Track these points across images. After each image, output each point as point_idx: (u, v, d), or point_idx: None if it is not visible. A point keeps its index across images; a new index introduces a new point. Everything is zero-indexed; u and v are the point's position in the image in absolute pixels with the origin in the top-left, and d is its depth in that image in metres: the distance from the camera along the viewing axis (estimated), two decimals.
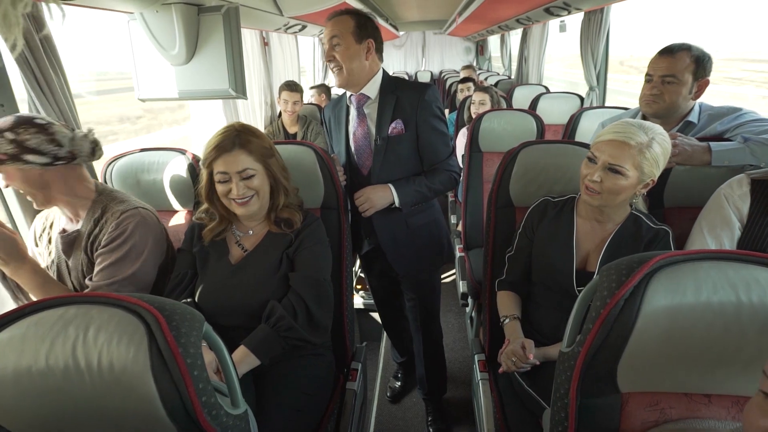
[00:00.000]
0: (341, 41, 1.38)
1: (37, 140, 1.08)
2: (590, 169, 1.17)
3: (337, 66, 1.42)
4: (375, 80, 1.47)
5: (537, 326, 1.33)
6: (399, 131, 1.45)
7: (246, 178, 1.14)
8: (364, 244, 1.65)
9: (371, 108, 1.49)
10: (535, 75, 4.34)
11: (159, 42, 1.61)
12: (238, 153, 1.13)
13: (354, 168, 1.55)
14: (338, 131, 1.57)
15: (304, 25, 2.99)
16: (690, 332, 0.63)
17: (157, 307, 0.63)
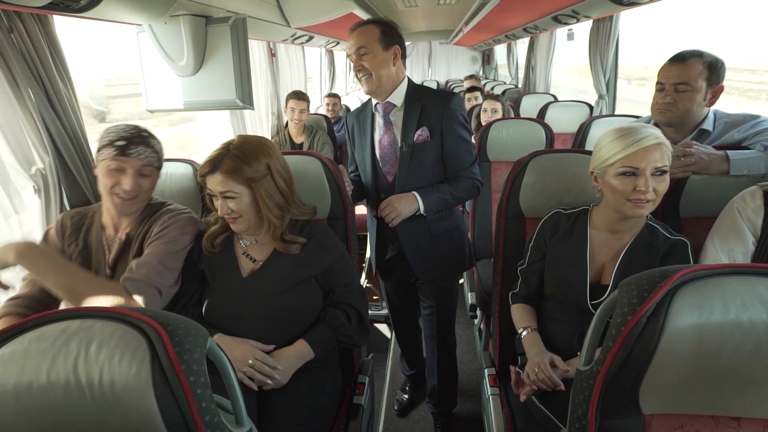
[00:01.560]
0: (369, 50, 1.41)
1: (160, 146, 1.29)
2: (636, 181, 1.08)
3: (366, 74, 1.44)
4: (401, 88, 1.49)
5: (549, 341, 1.29)
6: (424, 138, 1.47)
7: (228, 198, 1.12)
8: (387, 251, 1.64)
9: (397, 116, 1.51)
10: (543, 84, 4.32)
11: (167, 53, 1.62)
12: (220, 175, 1.11)
13: (378, 175, 1.55)
14: (363, 138, 1.58)
15: (311, 36, 3.02)
16: (718, 352, 0.60)
17: (161, 322, 0.61)
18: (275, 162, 1.17)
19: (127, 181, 1.18)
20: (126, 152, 1.17)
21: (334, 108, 3.84)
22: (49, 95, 1.35)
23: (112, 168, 1.17)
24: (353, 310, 1.24)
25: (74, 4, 1.11)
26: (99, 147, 1.20)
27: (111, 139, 1.18)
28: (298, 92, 2.98)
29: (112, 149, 1.17)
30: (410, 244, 1.57)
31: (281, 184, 1.17)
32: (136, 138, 1.20)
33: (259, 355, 1.10)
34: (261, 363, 1.09)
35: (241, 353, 1.09)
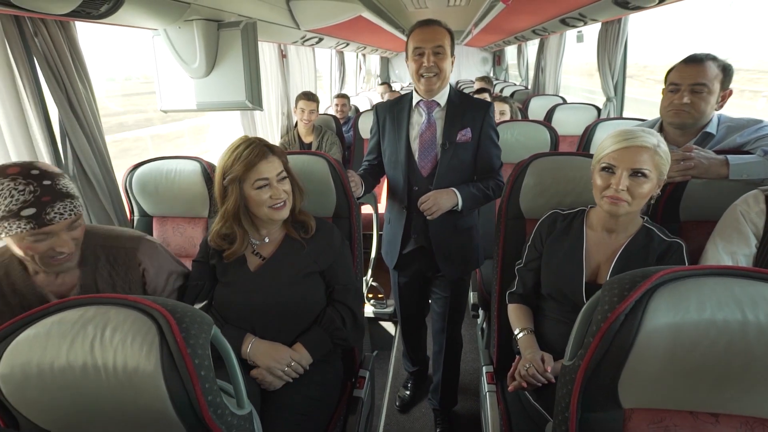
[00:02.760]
0: (444, 51, 1.48)
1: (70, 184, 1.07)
2: (611, 178, 1.15)
3: (436, 73, 1.49)
4: (446, 90, 1.58)
5: (546, 340, 1.32)
6: (467, 139, 1.56)
7: (281, 180, 1.21)
8: (409, 243, 1.70)
9: (440, 114, 1.58)
10: (552, 85, 4.32)
11: (180, 56, 1.68)
12: (273, 158, 1.21)
13: (413, 168, 1.61)
14: (396, 132, 1.62)
15: (321, 37, 3.07)
16: (693, 349, 0.63)
17: (169, 310, 0.66)
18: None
19: (61, 244, 0.97)
20: (44, 221, 0.93)
21: (343, 109, 3.89)
22: (69, 97, 1.43)
23: (33, 242, 0.95)
24: (349, 311, 1.30)
25: (95, 11, 1.18)
26: None
27: (11, 210, 0.90)
28: (308, 93, 3.02)
29: (22, 223, 0.91)
30: (438, 237, 1.64)
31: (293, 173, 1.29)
32: (44, 197, 0.93)
33: (296, 356, 1.20)
34: (297, 365, 1.20)
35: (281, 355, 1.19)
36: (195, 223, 1.68)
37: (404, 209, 1.65)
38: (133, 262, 1.15)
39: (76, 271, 1.10)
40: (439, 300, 1.82)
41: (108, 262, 1.13)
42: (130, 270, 1.15)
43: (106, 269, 1.13)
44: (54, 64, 1.37)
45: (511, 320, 1.38)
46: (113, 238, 1.16)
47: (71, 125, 1.43)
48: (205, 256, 1.32)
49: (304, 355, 1.21)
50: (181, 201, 1.64)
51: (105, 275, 1.13)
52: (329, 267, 1.29)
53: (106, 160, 1.57)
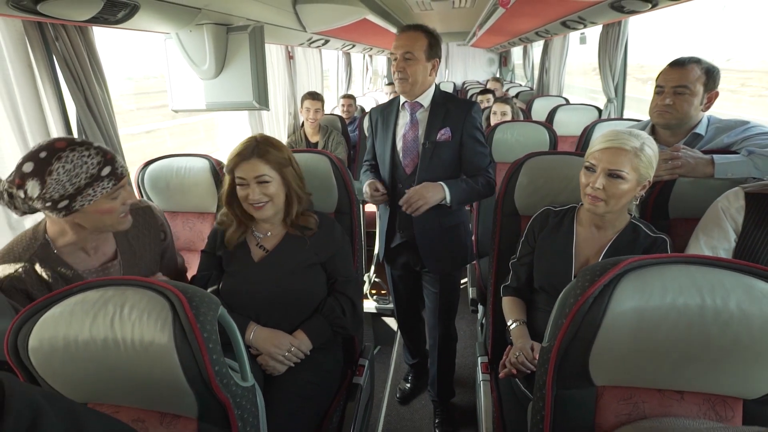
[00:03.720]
0: (413, 57, 1.54)
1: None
2: (590, 177, 1.22)
3: (404, 77, 1.56)
4: (429, 92, 1.64)
5: (537, 330, 1.37)
6: (447, 138, 1.61)
7: (261, 183, 1.25)
8: (395, 237, 1.77)
9: (423, 115, 1.64)
10: (556, 86, 4.35)
11: (191, 58, 1.76)
12: (256, 161, 1.24)
13: (397, 166, 1.68)
14: (385, 132, 1.70)
15: (327, 39, 3.14)
16: (656, 331, 0.68)
17: (181, 290, 0.73)
18: (291, 154, 1.33)
19: (129, 195, 1.10)
20: (119, 175, 1.04)
21: (349, 109, 3.96)
22: (87, 98, 1.51)
23: (112, 200, 1.04)
24: (348, 301, 1.37)
25: (112, 17, 1.26)
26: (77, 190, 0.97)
27: (93, 175, 0.98)
28: (313, 92, 3.10)
29: (105, 182, 1.01)
30: (421, 233, 1.69)
31: (299, 172, 1.33)
32: (107, 155, 1.03)
33: (296, 342, 1.27)
34: (297, 350, 1.26)
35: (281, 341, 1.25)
36: (204, 218, 1.76)
37: (387, 206, 1.74)
38: (152, 217, 1.28)
39: (111, 240, 1.17)
40: (430, 295, 1.88)
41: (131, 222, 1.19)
42: (150, 224, 1.27)
43: (134, 230, 1.21)
44: (73, 66, 1.45)
45: (505, 312, 1.44)
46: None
47: (88, 123, 1.52)
48: (213, 247, 1.39)
49: (304, 341, 1.28)
50: (191, 197, 1.72)
51: (134, 234, 1.22)
52: (329, 259, 1.36)
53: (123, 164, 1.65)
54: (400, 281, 1.97)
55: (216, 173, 1.68)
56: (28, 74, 1.35)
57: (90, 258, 1.13)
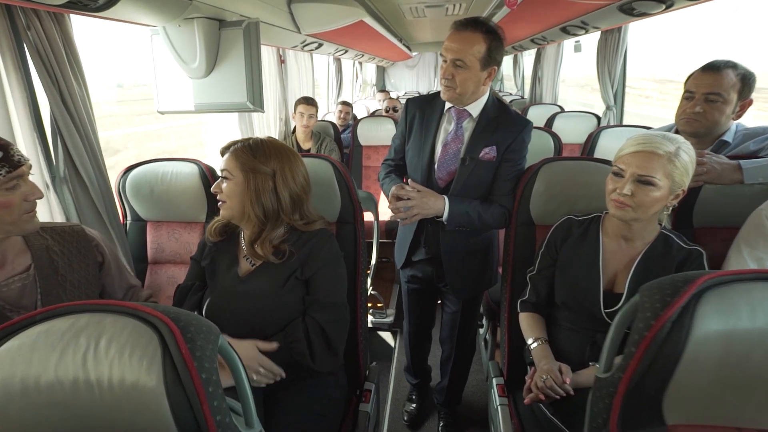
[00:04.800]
0: (465, 65, 1.31)
1: None
2: (618, 183, 1.13)
3: (450, 85, 1.35)
4: (481, 101, 1.43)
5: (560, 349, 1.26)
6: (490, 158, 1.42)
7: (224, 178, 1.15)
8: (418, 252, 1.62)
9: (469, 126, 1.45)
10: (550, 95, 4.34)
11: (180, 55, 1.63)
12: (228, 154, 1.15)
13: (431, 178, 1.49)
14: (424, 135, 1.50)
15: (320, 43, 3.04)
16: (746, 360, 0.58)
17: (172, 318, 0.59)
18: (286, 171, 1.16)
19: (32, 190, 0.98)
20: (15, 162, 0.93)
21: (346, 116, 3.86)
22: (62, 94, 1.36)
23: (8, 191, 0.93)
24: (317, 327, 1.14)
25: (92, 3, 1.12)
26: None
27: None
28: (308, 98, 2.99)
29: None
30: (448, 253, 1.55)
31: (282, 193, 1.15)
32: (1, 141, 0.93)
33: (267, 363, 1.09)
34: (268, 372, 1.09)
35: (248, 356, 1.08)
36: (191, 228, 1.61)
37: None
38: (84, 238, 1.13)
39: (26, 252, 1.02)
40: (449, 313, 1.76)
41: (56, 240, 1.08)
42: (82, 245, 1.12)
43: (58, 247, 1.07)
44: (47, 58, 1.30)
45: (524, 329, 1.33)
46: (51, 224, 1.11)
47: (64, 123, 1.37)
48: (199, 254, 1.26)
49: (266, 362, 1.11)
50: (178, 205, 1.57)
51: (60, 252, 1.07)
52: (311, 277, 1.19)
53: (99, 161, 1.49)
54: (415, 296, 1.83)
55: (206, 179, 1.54)
56: None
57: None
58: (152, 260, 1.64)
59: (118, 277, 1.22)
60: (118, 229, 1.55)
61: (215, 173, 1.58)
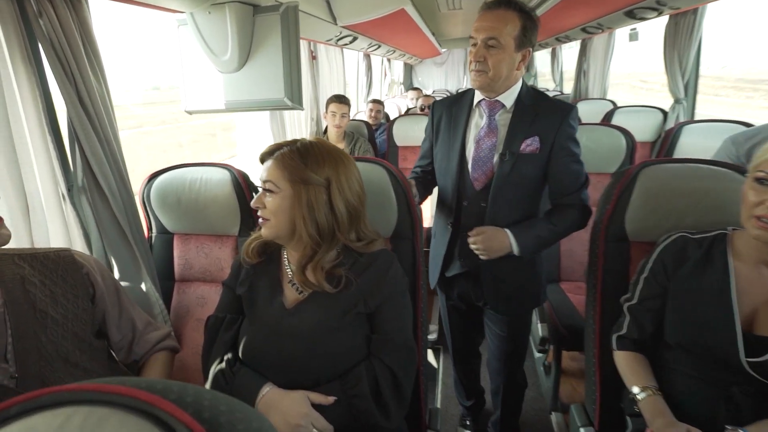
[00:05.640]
0: (499, 44, 1.19)
1: None
2: (765, 194, 0.87)
3: (482, 69, 1.22)
4: (515, 89, 1.29)
5: (675, 402, 1.00)
6: (533, 150, 1.26)
7: (267, 192, 0.95)
8: (453, 265, 1.43)
9: (504, 118, 1.30)
10: (598, 90, 4.00)
11: (209, 46, 1.44)
12: (271, 162, 0.95)
13: (465, 179, 1.34)
14: (452, 134, 1.36)
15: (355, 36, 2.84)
16: None
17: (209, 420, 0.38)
18: (342, 180, 0.96)
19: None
20: None
21: (377, 115, 3.65)
22: (79, 92, 1.18)
23: None
24: (388, 374, 0.94)
25: None
26: None
27: None
28: (340, 96, 2.80)
29: None
30: (487, 266, 1.36)
31: (338, 205, 0.95)
32: None
33: (321, 423, 0.88)
34: None
35: (298, 412, 0.88)
36: (222, 243, 1.42)
37: (449, 225, 1.39)
38: (73, 265, 0.93)
39: None
40: (494, 336, 1.56)
41: (35, 269, 0.88)
42: (69, 273, 0.92)
43: (37, 277, 0.88)
44: (62, 51, 1.13)
45: (624, 373, 1.08)
46: (32, 251, 0.93)
47: (81, 125, 1.19)
48: (234, 281, 1.06)
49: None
50: (207, 216, 1.38)
51: (38, 283, 0.88)
52: (376, 310, 0.98)
53: (121, 167, 1.32)
54: (455, 312, 1.63)
55: (239, 187, 1.34)
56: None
57: None
58: (179, 278, 1.46)
59: (116, 313, 1.03)
60: (142, 243, 1.37)
61: (248, 179, 1.39)
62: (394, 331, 0.99)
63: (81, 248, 1.26)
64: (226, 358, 0.98)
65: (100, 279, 0.99)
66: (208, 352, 1.02)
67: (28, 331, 0.83)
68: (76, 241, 1.25)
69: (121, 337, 1.04)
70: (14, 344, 0.81)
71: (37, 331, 0.84)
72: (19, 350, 0.81)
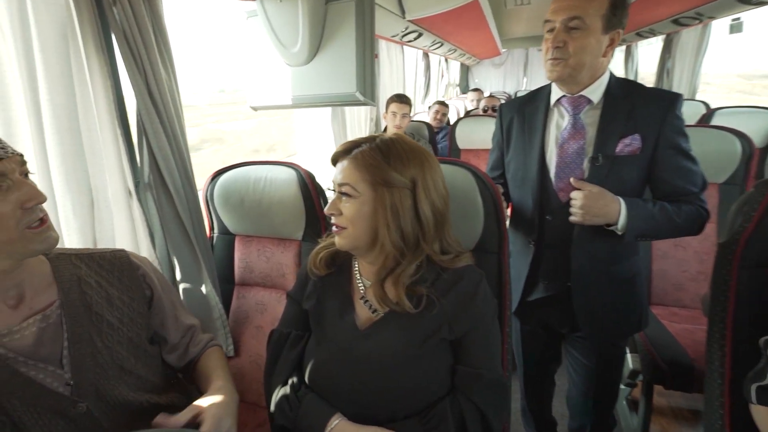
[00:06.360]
0: (584, 25, 1.01)
1: None
2: None
3: (562, 56, 1.05)
4: (602, 81, 1.10)
5: None
6: (633, 150, 1.06)
7: (341, 195, 0.83)
8: (537, 289, 1.24)
9: (592, 116, 1.11)
10: (685, 90, 3.57)
11: (279, 38, 1.36)
12: (348, 162, 0.84)
13: (547, 191, 1.16)
14: (529, 139, 1.18)
15: (420, 32, 2.71)
16: None
17: None
18: (428, 181, 0.84)
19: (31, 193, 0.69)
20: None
21: (442, 117, 3.49)
22: (149, 85, 1.13)
23: None
24: (476, 414, 0.81)
25: None
26: None
27: None
28: (400, 95, 2.68)
29: None
30: (579, 286, 1.16)
31: (424, 211, 0.82)
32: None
33: None
34: None
35: None
36: (285, 247, 1.33)
37: (531, 244, 1.20)
38: (129, 266, 0.87)
39: (51, 286, 0.78)
40: (580, 368, 1.35)
41: (92, 269, 0.82)
42: (125, 275, 0.85)
43: (93, 278, 0.81)
44: (134, 42, 1.08)
45: None
46: (89, 251, 0.87)
47: (150, 119, 1.14)
48: (300, 293, 0.96)
49: None
50: (271, 218, 1.29)
51: (94, 284, 0.81)
52: (463, 338, 0.84)
53: (187, 165, 1.27)
54: (531, 339, 1.43)
55: (306, 188, 1.24)
56: (61, 48, 0.98)
57: (4, 313, 0.72)
58: (239, 281, 1.39)
59: (173, 316, 0.96)
60: (204, 243, 1.31)
61: (315, 180, 1.29)
62: (484, 364, 0.84)
63: (146, 247, 1.22)
64: (291, 381, 0.87)
65: (156, 281, 0.93)
66: (270, 370, 0.92)
67: (83, 335, 0.77)
68: (141, 240, 1.21)
69: (180, 338, 0.97)
70: (70, 349, 0.75)
71: (93, 336, 0.78)
72: (75, 356, 0.75)
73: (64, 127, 0.99)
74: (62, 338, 0.75)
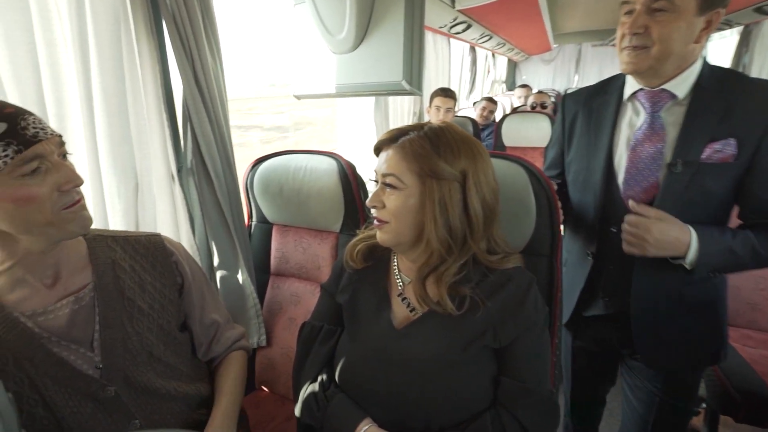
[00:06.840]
0: (672, 6, 0.84)
1: None
2: None
3: (643, 43, 0.88)
4: (691, 72, 0.91)
5: None
6: (724, 158, 0.88)
7: (388, 186, 0.77)
8: (595, 304, 1.11)
9: (674, 113, 0.93)
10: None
11: (325, 24, 1.34)
12: (393, 151, 0.77)
13: (613, 198, 1.01)
14: (595, 137, 1.04)
15: (469, 24, 2.60)
16: None
17: None
18: (479, 174, 0.77)
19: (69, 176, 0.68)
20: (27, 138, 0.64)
21: (489, 115, 3.36)
22: (196, 72, 1.13)
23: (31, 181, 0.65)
24: (518, 429, 0.73)
25: None
26: None
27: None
28: (445, 89, 2.59)
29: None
30: (643, 306, 1.02)
31: (474, 206, 0.76)
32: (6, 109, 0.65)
33: None
34: None
35: None
36: (322, 239, 1.30)
37: (589, 255, 1.07)
38: (163, 252, 0.86)
39: (86, 267, 0.78)
40: (640, 392, 1.18)
41: (127, 252, 0.82)
42: (158, 260, 0.86)
43: (128, 262, 0.81)
44: (182, 27, 1.08)
45: None
46: (124, 233, 0.87)
47: (195, 105, 1.15)
48: (334, 288, 0.91)
49: None
50: (309, 208, 1.27)
51: (127, 268, 0.80)
52: (509, 346, 0.77)
53: (228, 153, 1.27)
54: (583, 354, 1.28)
55: (346, 179, 1.20)
56: (114, 31, 0.99)
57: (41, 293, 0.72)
58: (275, 271, 1.37)
59: (201, 308, 0.94)
60: (242, 231, 1.31)
61: (356, 171, 1.25)
62: (531, 377, 0.76)
63: (186, 231, 1.23)
64: (321, 379, 0.83)
65: (189, 269, 0.91)
66: (300, 366, 0.88)
67: (115, 320, 0.77)
68: (181, 224, 1.22)
69: (203, 333, 0.96)
70: (101, 333, 0.75)
71: (124, 321, 0.78)
72: (106, 339, 0.76)
73: (114, 111, 1.01)
74: (94, 321, 0.76)
